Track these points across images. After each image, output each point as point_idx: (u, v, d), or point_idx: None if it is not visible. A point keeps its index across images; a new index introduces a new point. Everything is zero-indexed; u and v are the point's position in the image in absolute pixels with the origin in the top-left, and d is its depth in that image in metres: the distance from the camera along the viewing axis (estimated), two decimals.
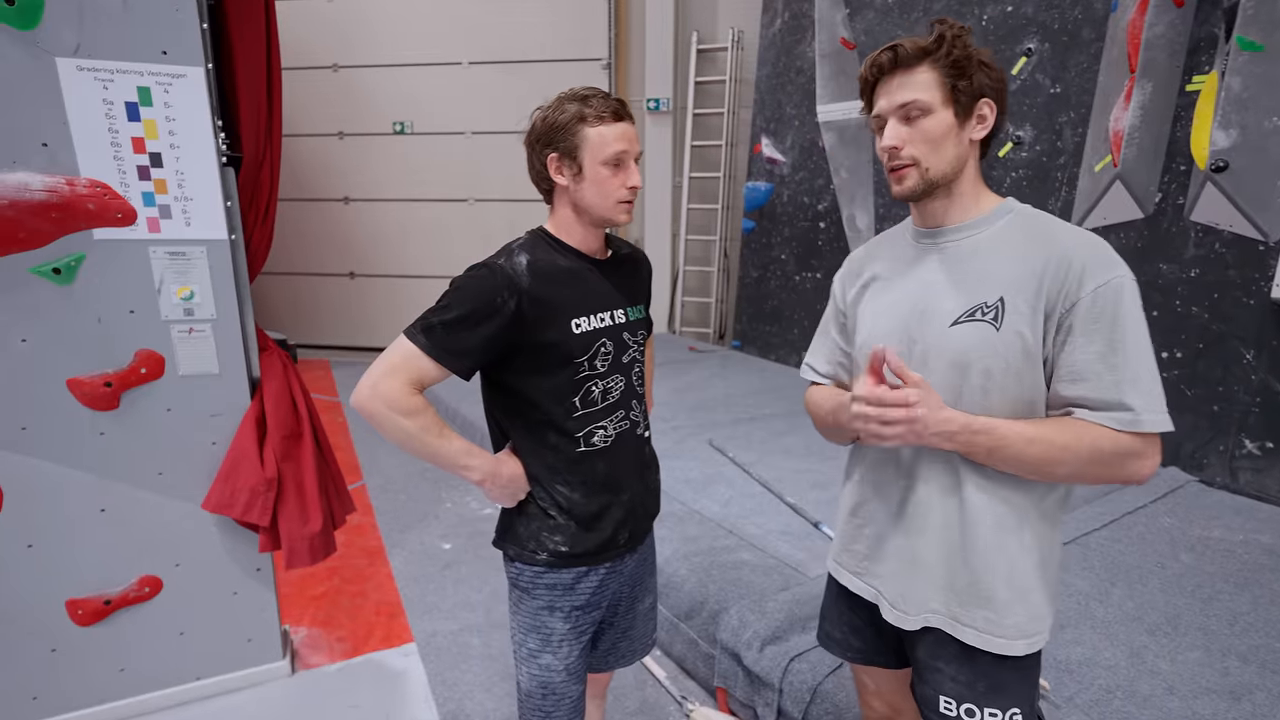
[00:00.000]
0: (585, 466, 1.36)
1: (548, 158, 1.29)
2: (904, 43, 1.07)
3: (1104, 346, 1.00)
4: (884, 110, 1.11)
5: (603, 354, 1.33)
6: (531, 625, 1.42)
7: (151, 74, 1.79)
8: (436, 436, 1.26)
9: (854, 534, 1.30)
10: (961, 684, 1.15)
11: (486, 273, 1.25)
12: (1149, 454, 1.01)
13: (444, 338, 1.22)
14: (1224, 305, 3.28)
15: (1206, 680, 1.88)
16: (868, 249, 1.33)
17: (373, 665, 2.45)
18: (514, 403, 1.35)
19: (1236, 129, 3.10)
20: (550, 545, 1.37)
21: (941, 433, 1.05)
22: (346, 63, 6.87)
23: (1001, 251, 1.08)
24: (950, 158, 1.08)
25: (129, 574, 2.09)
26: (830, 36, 5.24)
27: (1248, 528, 2.81)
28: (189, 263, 1.95)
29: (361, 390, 1.23)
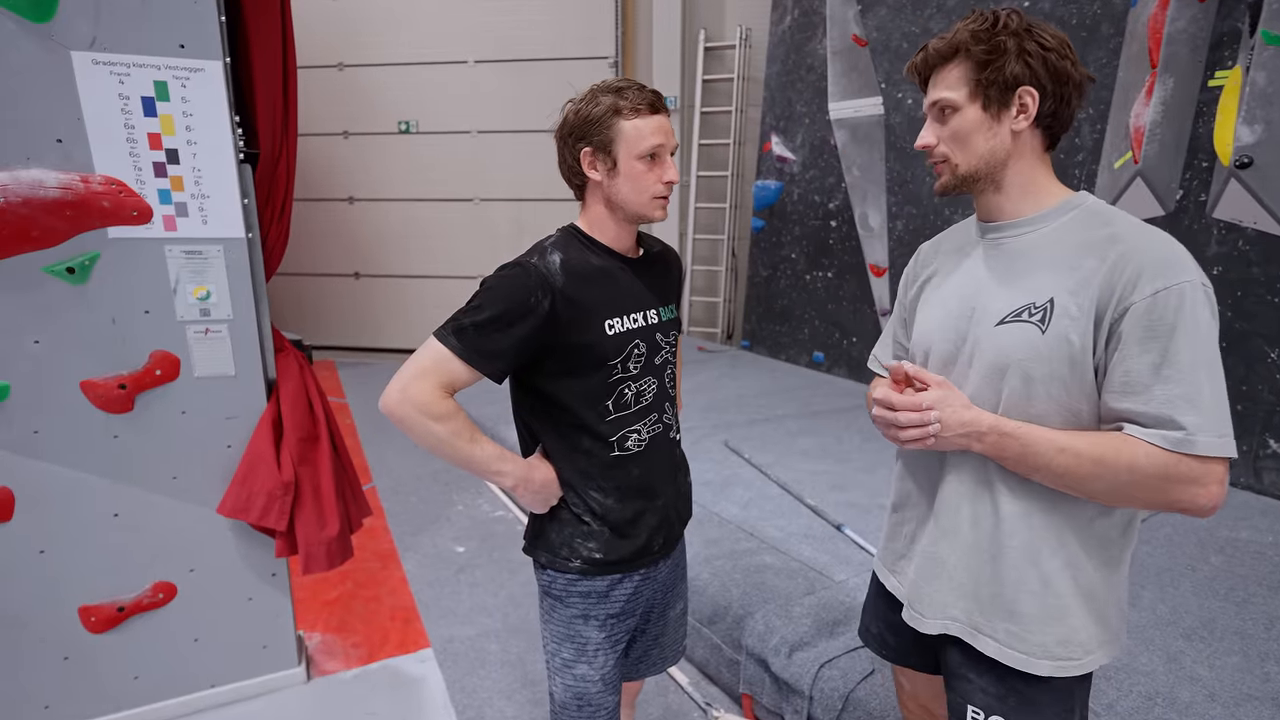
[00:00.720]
0: (619, 471, 1.32)
1: (581, 152, 1.25)
2: (932, 42, 1.06)
3: (1158, 357, 0.91)
4: (926, 108, 1.10)
5: (636, 355, 1.29)
6: (565, 635, 1.38)
7: (169, 68, 1.75)
8: (469, 441, 1.22)
9: (894, 531, 1.29)
10: (991, 696, 1.11)
11: (520, 272, 1.21)
12: (1207, 481, 0.91)
13: (476, 339, 1.18)
14: (1247, 303, 3.23)
15: (1247, 686, 1.83)
16: (936, 241, 1.29)
17: (389, 671, 2.41)
18: (545, 406, 1.31)
19: (1261, 125, 3.06)
20: (584, 552, 1.33)
21: (967, 433, 1.02)
22: (352, 61, 6.83)
23: (1058, 249, 1.02)
24: (982, 152, 1.04)
25: (143, 580, 2.05)
26: (842, 33, 5.19)
27: (1275, 529, 2.77)
28: (205, 262, 1.91)
29: (391, 394, 1.18)
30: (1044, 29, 1.01)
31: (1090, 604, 1.06)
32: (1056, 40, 1.01)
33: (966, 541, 1.11)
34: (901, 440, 1.06)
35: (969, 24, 1.03)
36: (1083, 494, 0.99)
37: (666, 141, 1.24)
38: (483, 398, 3.94)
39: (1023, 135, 1.04)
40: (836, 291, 5.54)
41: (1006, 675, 1.09)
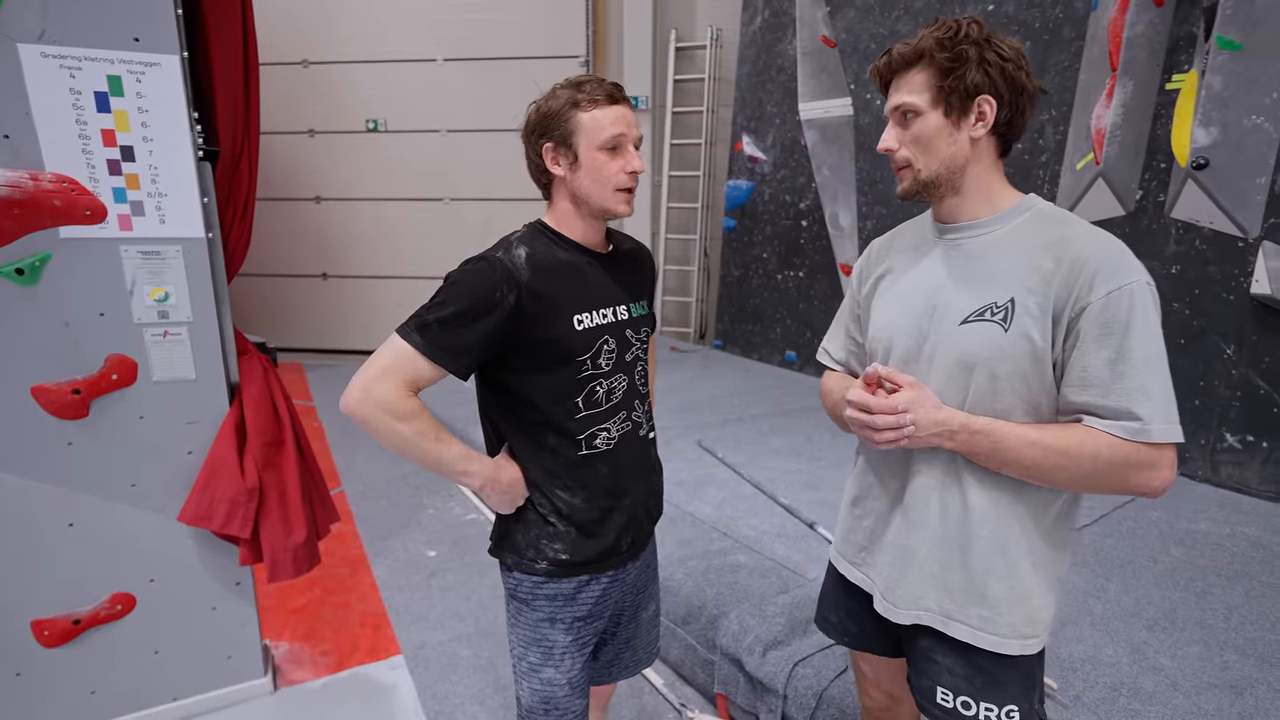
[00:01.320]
0: (587, 470, 1.30)
1: (543, 148, 1.24)
2: (896, 47, 1.09)
3: (1113, 353, 0.98)
4: (887, 111, 1.14)
5: (606, 352, 1.28)
6: (532, 639, 1.36)
7: (122, 62, 1.69)
8: (434, 441, 1.20)
9: (853, 525, 1.32)
10: (959, 677, 1.15)
11: (484, 266, 1.19)
12: (1161, 465, 0.99)
13: (440, 335, 1.16)
14: (1204, 301, 3.32)
15: (1208, 675, 1.88)
16: (889, 238, 1.32)
17: (359, 680, 2.36)
18: (512, 403, 1.29)
19: (1216, 127, 3.14)
20: (550, 553, 1.31)
21: (940, 432, 1.06)
22: (317, 58, 6.71)
23: (1014, 251, 1.07)
24: (943, 158, 1.08)
25: (99, 591, 1.98)
26: (811, 34, 5.23)
27: (1233, 520, 2.85)
28: (163, 262, 1.85)
29: (352, 394, 1.16)
30: (1002, 40, 1.05)
31: (1047, 583, 1.13)
32: (1013, 51, 1.05)
33: (936, 533, 1.14)
34: (877, 442, 1.09)
35: (934, 31, 1.06)
36: (1048, 483, 1.05)
37: (628, 131, 1.22)
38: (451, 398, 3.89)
39: (980, 142, 1.08)
40: (808, 291, 5.58)
41: (974, 656, 1.14)
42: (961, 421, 1.05)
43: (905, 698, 1.43)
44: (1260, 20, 3.00)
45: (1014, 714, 1.14)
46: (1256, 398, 3.17)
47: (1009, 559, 1.10)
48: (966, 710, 1.15)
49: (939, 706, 1.18)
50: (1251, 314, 3.17)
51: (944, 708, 1.17)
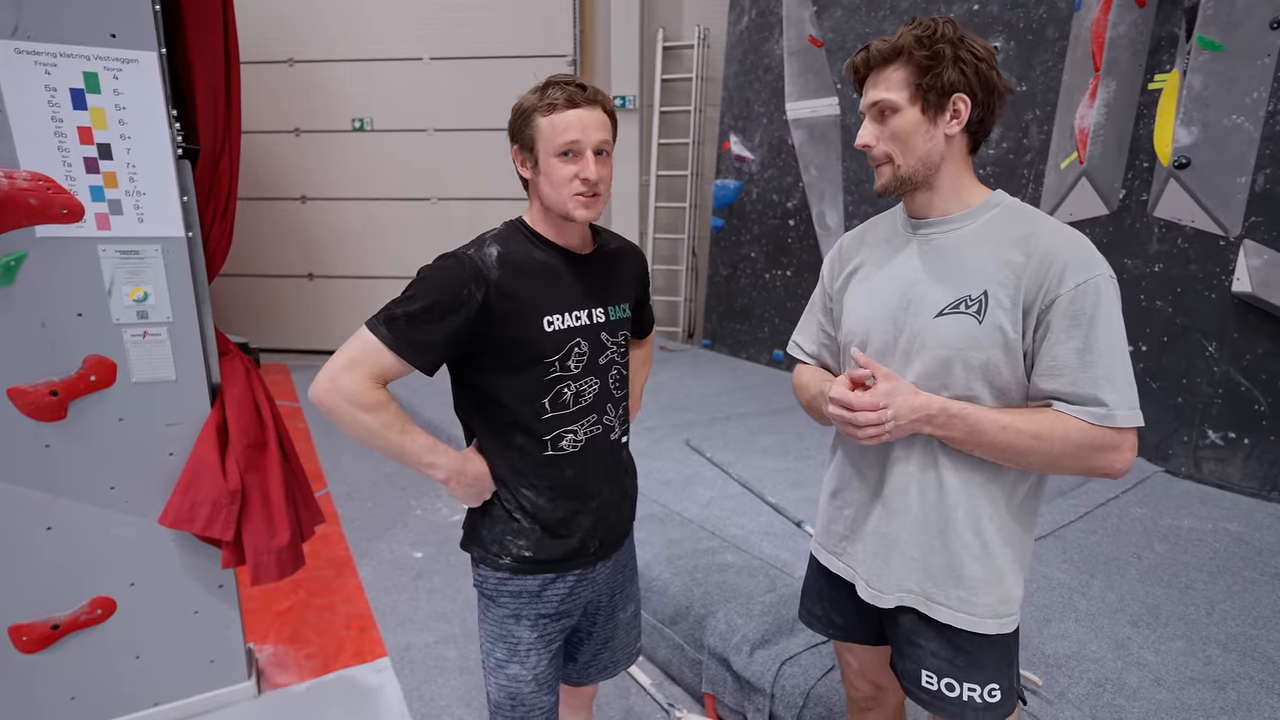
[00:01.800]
0: (552, 471, 1.30)
1: (513, 150, 1.27)
2: (874, 43, 1.10)
3: (1081, 343, 1.03)
4: (862, 108, 1.15)
5: (577, 354, 1.28)
6: (498, 634, 1.36)
7: (99, 58, 1.66)
8: (399, 433, 1.21)
9: (834, 515, 1.34)
10: (942, 659, 1.19)
11: (454, 263, 1.20)
12: (1124, 448, 1.04)
13: (407, 330, 1.17)
14: (1187, 299, 3.35)
15: (1191, 670, 1.89)
16: (859, 233, 1.34)
17: (344, 682, 2.34)
18: (480, 401, 1.30)
19: (1198, 126, 3.17)
20: (514, 549, 1.32)
21: (919, 417, 1.09)
22: (303, 57, 6.66)
23: (985, 245, 1.10)
24: (921, 154, 1.10)
25: (79, 596, 1.95)
26: (798, 34, 5.25)
27: (1215, 516, 2.87)
28: (142, 262, 1.82)
29: (320, 383, 1.18)
30: (974, 40, 1.09)
31: (1018, 562, 1.18)
32: (985, 51, 1.09)
33: (916, 518, 1.18)
34: (860, 437, 1.12)
35: (912, 30, 1.08)
36: (1020, 465, 1.10)
37: (582, 137, 1.19)
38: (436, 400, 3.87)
39: (954, 139, 1.11)
40: (795, 290, 5.59)
41: (955, 638, 1.18)
42: (940, 405, 1.09)
43: (891, 686, 1.45)
44: (1240, 21, 3.03)
45: (995, 691, 1.18)
46: (1238, 395, 3.21)
47: (983, 539, 1.15)
48: (950, 692, 1.18)
49: (924, 689, 1.21)
50: (1233, 312, 3.20)
51: (929, 690, 1.20)
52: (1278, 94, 3.00)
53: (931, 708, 1.21)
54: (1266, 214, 3.06)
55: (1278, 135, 3.01)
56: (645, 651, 2.43)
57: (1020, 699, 1.24)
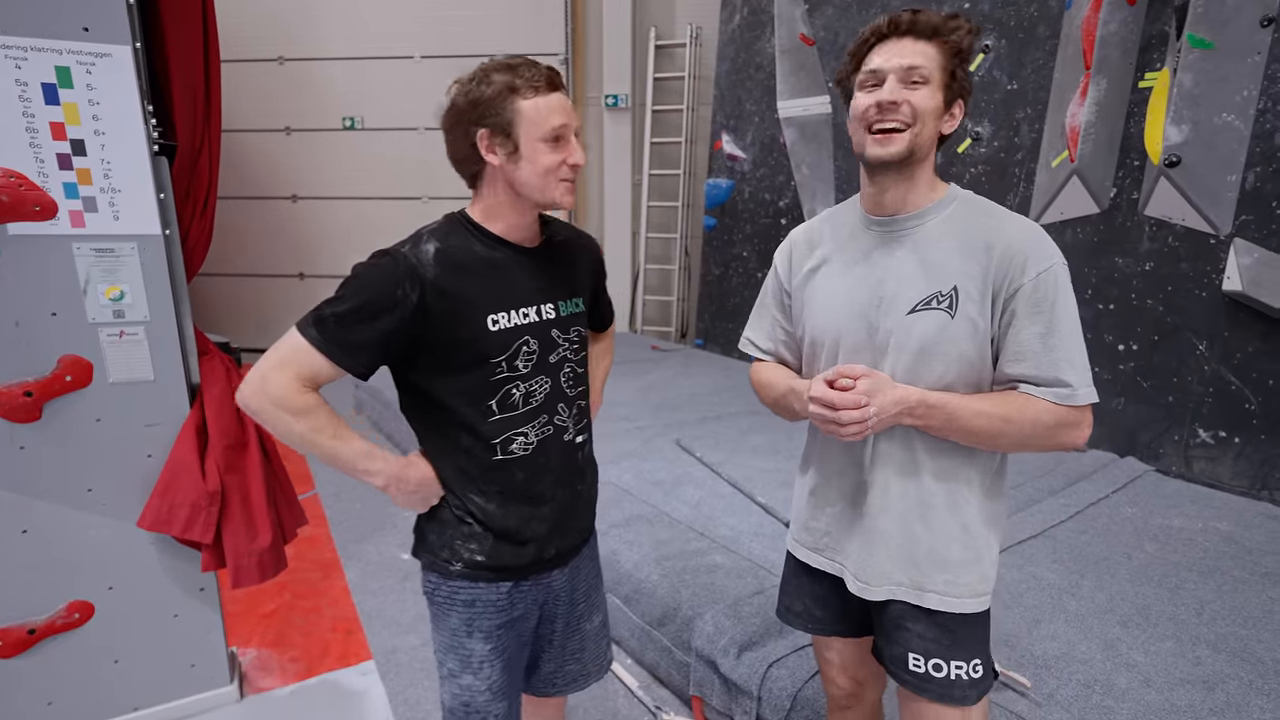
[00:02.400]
0: (502, 475, 1.25)
1: (477, 135, 1.16)
2: (927, 13, 1.10)
3: (1044, 328, 1.08)
4: (887, 67, 1.10)
5: (525, 353, 1.22)
6: (449, 645, 1.31)
7: (71, 52, 1.63)
8: (331, 438, 1.15)
9: (814, 513, 1.34)
10: (929, 640, 1.21)
11: (387, 261, 1.14)
12: (1084, 423, 1.11)
13: (336, 331, 1.11)
14: (1177, 298, 3.34)
15: (1180, 671, 1.88)
16: (811, 230, 1.33)
17: (328, 686, 2.32)
18: (423, 404, 1.25)
19: (1188, 125, 3.16)
20: (465, 554, 1.26)
21: (900, 410, 1.12)
22: (293, 55, 6.62)
23: (951, 240, 1.14)
24: (930, 135, 1.12)
25: (56, 600, 1.92)
26: (790, 32, 5.23)
27: (1205, 515, 2.86)
28: (118, 260, 1.79)
29: (247, 385, 1.12)
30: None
31: (991, 539, 1.22)
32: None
33: (898, 508, 1.21)
34: (844, 435, 1.12)
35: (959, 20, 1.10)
36: (993, 447, 1.15)
37: (570, 121, 1.17)
38: None
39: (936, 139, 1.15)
40: None
41: (941, 619, 1.21)
42: (918, 397, 1.12)
43: (870, 682, 1.46)
44: (1230, 19, 3.02)
45: (979, 666, 1.22)
46: (1229, 394, 3.20)
47: (962, 521, 1.19)
48: (938, 672, 1.21)
49: (911, 672, 1.22)
50: (1224, 311, 3.19)
51: (917, 673, 1.22)
52: (1268, 92, 3.00)
53: (920, 690, 1.22)
54: (1257, 212, 3.06)
55: (1268, 133, 3.00)
56: (633, 653, 2.41)
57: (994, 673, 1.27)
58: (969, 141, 4.15)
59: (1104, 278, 3.58)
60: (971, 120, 4.13)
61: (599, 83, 6.64)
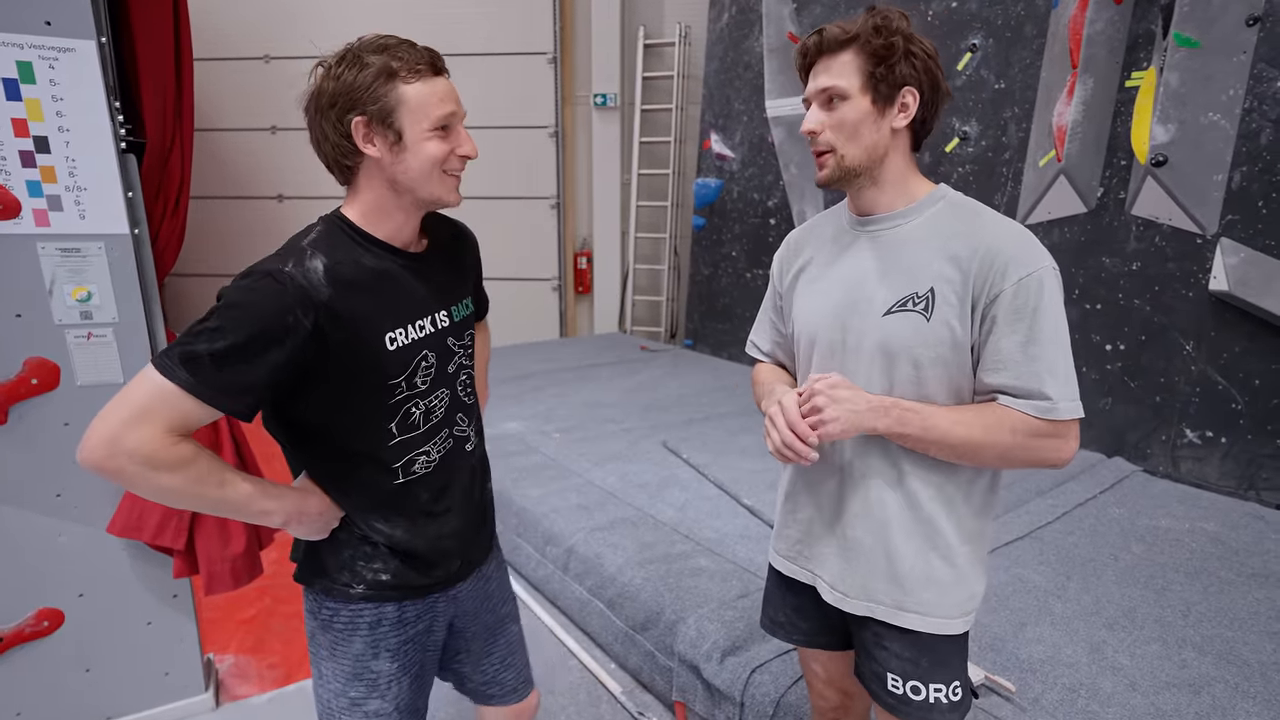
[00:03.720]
0: (406, 498, 1.16)
1: (352, 123, 1.02)
2: (829, 28, 1.08)
3: (1024, 337, 1.03)
4: (808, 94, 1.12)
5: (424, 369, 1.13)
6: (352, 673, 1.20)
7: (33, 47, 1.59)
8: (217, 487, 1.00)
9: (786, 519, 1.32)
10: (907, 661, 1.18)
11: (270, 285, 0.98)
12: (1068, 438, 1.06)
13: (214, 372, 0.93)
14: (1165, 298, 3.34)
15: (1166, 674, 1.86)
16: (805, 231, 1.33)
17: (307, 693, 2.27)
18: (308, 440, 1.12)
19: (1175, 124, 3.16)
20: (368, 575, 1.16)
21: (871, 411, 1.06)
22: (278, 54, 6.56)
23: (931, 241, 1.10)
24: (867, 145, 1.09)
25: (24, 607, 1.88)
26: (778, 31, 5.21)
27: (1192, 516, 2.86)
28: (85, 260, 1.75)
29: (93, 445, 0.92)
30: (922, 38, 1.09)
31: (976, 559, 1.18)
32: (933, 49, 1.09)
33: (878, 520, 1.16)
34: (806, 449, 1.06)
35: (869, 19, 1.07)
36: (972, 461, 1.09)
37: (458, 109, 1.07)
38: None
39: (899, 134, 1.11)
40: None
41: (920, 640, 1.17)
42: (892, 401, 1.08)
43: (858, 693, 1.43)
44: (1216, 18, 3.02)
45: (958, 689, 1.19)
46: (1215, 394, 3.19)
47: (948, 538, 1.15)
48: (916, 695, 1.17)
49: (890, 694, 1.19)
50: (1210, 310, 3.19)
51: (895, 694, 1.19)
52: (1254, 91, 2.99)
53: (897, 712, 1.20)
54: (1243, 212, 3.05)
55: (1254, 133, 3.00)
56: (616, 658, 2.38)
57: (973, 694, 1.24)
58: (957, 141, 4.14)
59: (1091, 278, 3.58)
60: (959, 119, 4.12)
61: (588, 82, 6.61)
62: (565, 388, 4.69)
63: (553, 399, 4.45)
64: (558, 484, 3.11)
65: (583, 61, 6.60)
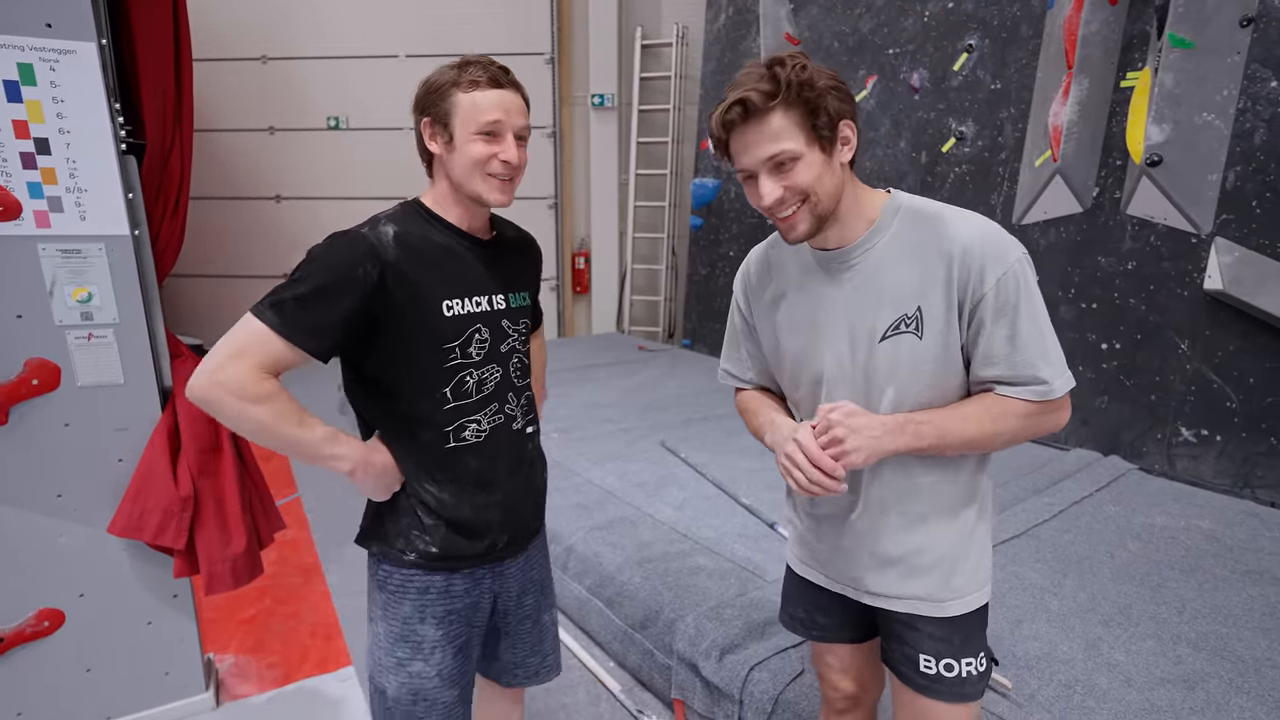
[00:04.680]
0: (455, 463, 1.27)
1: (422, 124, 1.23)
2: (749, 95, 1.02)
3: (1009, 331, 1.07)
4: (750, 165, 1.07)
5: (478, 341, 1.25)
6: (400, 634, 1.31)
7: (34, 49, 1.60)
8: (295, 425, 1.13)
9: (806, 532, 1.34)
10: (940, 641, 1.21)
11: (346, 241, 1.16)
12: (1064, 408, 1.13)
13: (297, 314, 1.10)
14: (1160, 297, 3.36)
15: (1161, 670, 1.88)
16: (762, 259, 1.30)
17: (306, 693, 2.28)
18: (378, 394, 1.26)
19: (1169, 124, 3.18)
20: (420, 545, 1.28)
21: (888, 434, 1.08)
22: (276, 54, 6.56)
23: (904, 259, 1.11)
24: (831, 191, 1.08)
25: (25, 608, 1.88)
26: (775, 32, 5.23)
27: (1188, 513, 2.87)
28: (86, 261, 1.76)
29: (200, 378, 1.08)
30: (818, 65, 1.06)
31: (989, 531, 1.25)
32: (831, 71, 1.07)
33: (904, 529, 1.20)
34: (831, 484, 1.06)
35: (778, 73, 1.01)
36: (985, 450, 1.15)
37: (507, 119, 1.19)
38: None
39: (845, 166, 1.10)
40: None
41: (954, 619, 1.21)
42: (904, 418, 1.10)
43: (873, 682, 1.45)
44: (1210, 18, 3.04)
45: (984, 659, 1.24)
46: (1210, 392, 3.21)
47: (959, 520, 1.19)
48: (949, 672, 1.21)
49: (923, 674, 1.22)
50: (1205, 309, 3.21)
51: (928, 674, 1.21)
52: (1247, 91, 3.01)
53: (930, 691, 1.22)
54: (1237, 211, 3.07)
55: (1248, 133, 3.02)
56: (616, 657, 2.39)
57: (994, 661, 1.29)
58: (953, 141, 4.15)
59: (1087, 277, 3.59)
60: (956, 120, 4.13)
61: (585, 82, 6.62)
62: (564, 388, 4.69)
63: (551, 399, 4.45)
64: (557, 483, 3.12)
65: (580, 62, 6.61)
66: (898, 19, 4.44)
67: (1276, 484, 3.04)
